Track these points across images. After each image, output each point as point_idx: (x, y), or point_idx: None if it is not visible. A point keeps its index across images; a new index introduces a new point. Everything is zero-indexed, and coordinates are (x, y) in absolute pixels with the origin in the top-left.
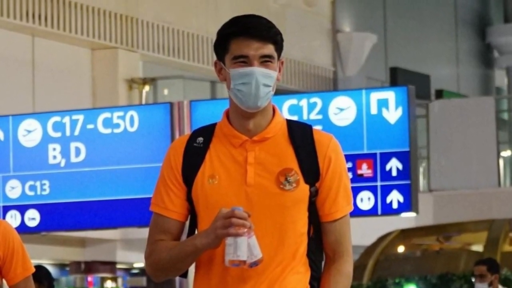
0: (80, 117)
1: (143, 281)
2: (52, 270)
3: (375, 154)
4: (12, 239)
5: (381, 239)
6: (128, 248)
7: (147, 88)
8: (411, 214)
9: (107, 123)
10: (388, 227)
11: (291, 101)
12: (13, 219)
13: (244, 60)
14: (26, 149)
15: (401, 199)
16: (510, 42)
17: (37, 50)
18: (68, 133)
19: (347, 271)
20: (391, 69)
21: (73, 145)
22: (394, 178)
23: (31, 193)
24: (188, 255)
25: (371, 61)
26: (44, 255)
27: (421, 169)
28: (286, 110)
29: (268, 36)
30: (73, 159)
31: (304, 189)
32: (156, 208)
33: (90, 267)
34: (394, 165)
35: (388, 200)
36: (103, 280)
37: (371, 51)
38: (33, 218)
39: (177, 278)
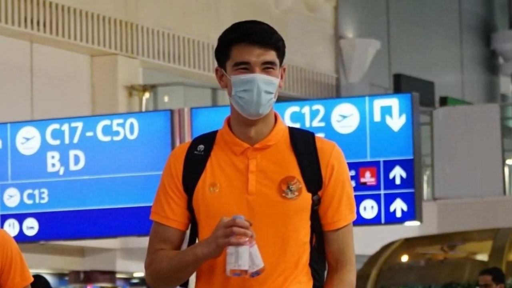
0: (79, 125)
1: None
2: (50, 279)
3: (378, 162)
4: (10, 248)
5: (385, 248)
6: (128, 258)
7: (147, 95)
8: (415, 223)
9: (107, 130)
10: (392, 236)
11: (293, 108)
12: (11, 228)
13: (245, 67)
14: (25, 157)
15: (405, 208)
16: None
17: (35, 57)
18: (67, 140)
19: (350, 281)
20: (394, 76)
21: (72, 153)
22: (398, 187)
23: (30, 202)
24: (188, 264)
25: (375, 68)
26: (42, 265)
27: (425, 177)
28: (288, 117)
29: (270, 42)
30: (72, 167)
31: (306, 197)
32: (156, 216)
33: (89, 276)
34: (397, 173)
35: (391, 208)
36: None
37: (374, 57)
38: (31, 227)
39: None
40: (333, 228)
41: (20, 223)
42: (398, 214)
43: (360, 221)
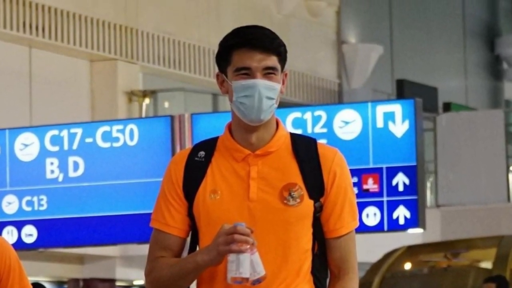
0: (79, 131)
1: None
2: (49, 287)
3: (381, 168)
4: (9, 256)
5: (387, 255)
6: (128, 265)
7: (147, 100)
8: (418, 230)
9: (106, 136)
10: (395, 244)
11: (295, 114)
12: (9, 235)
13: (246, 72)
14: (23, 164)
15: (408, 215)
16: None
17: (34, 62)
18: (66, 147)
19: None
20: (397, 81)
21: (71, 159)
22: (401, 193)
23: (28, 209)
24: (189, 272)
25: (377, 73)
26: (41, 272)
27: (428, 184)
28: (290, 123)
29: (272, 48)
30: (71, 173)
31: (308, 204)
32: (156, 224)
33: (88, 284)
34: (400, 180)
35: (394, 215)
36: None
37: (377, 62)
38: (30, 234)
39: None
40: (335, 236)
41: (19, 231)
42: (401, 221)
43: (363, 228)
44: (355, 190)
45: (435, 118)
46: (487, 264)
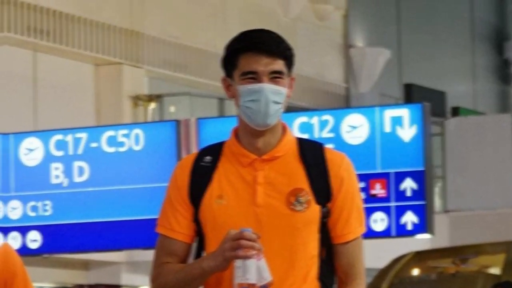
0: (84, 135)
1: None
2: None
3: (388, 173)
4: (13, 262)
5: (395, 261)
6: (133, 271)
7: (152, 105)
8: (426, 236)
9: (112, 141)
10: (403, 249)
11: (302, 119)
12: (14, 240)
13: (253, 76)
14: (28, 169)
15: (416, 220)
16: None
17: (39, 66)
18: (71, 151)
19: None
20: (405, 86)
21: (76, 164)
22: (409, 199)
23: (33, 214)
24: (195, 278)
25: (385, 77)
26: (46, 278)
27: (436, 189)
28: (296, 128)
29: (278, 51)
30: (76, 178)
31: (315, 209)
32: (162, 229)
33: None
34: (408, 185)
35: (402, 221)
36: None
37: (384, 67)
38: (34, 239)
39: None
40: (343, 241)
41: (23, 236)
42: (409, 226)
43: (370, 234)
44: (363, 195)
45: (443, 123)
46: (495, 270)
